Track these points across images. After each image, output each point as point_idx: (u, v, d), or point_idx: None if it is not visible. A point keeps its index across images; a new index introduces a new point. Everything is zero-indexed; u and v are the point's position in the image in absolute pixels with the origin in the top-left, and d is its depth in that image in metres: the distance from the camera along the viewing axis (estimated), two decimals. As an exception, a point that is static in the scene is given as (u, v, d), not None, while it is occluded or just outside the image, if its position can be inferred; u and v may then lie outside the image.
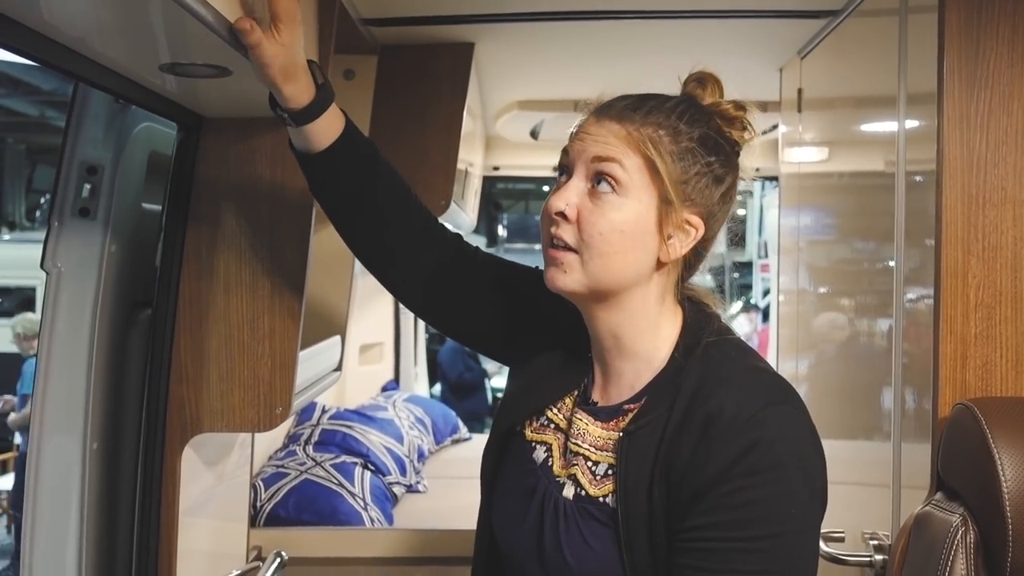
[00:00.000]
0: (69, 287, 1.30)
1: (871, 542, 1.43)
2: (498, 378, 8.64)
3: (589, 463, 1.03)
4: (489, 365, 8.31)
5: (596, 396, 1.07)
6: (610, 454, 1.01)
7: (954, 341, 1.24)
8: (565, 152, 1.03)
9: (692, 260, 1.05)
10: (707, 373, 0.97)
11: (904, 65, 1.40)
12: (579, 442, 1.05)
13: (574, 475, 1.03)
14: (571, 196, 0.99)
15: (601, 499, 1.00)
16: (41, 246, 1.30)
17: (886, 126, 1.50)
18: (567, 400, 1.10)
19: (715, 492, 0.91)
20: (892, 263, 1.43)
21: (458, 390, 7.25)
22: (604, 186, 0.98)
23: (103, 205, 1.32)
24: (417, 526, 2.36)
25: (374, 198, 1.18)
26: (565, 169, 1.03)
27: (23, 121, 12.35)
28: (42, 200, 12.44)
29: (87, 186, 1.31)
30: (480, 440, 4.02)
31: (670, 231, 0.99)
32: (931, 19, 1.27)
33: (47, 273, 1.30)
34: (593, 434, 1.04)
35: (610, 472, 1.00)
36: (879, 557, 1.41)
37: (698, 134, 1.00)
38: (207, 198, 1.36)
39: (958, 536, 1.14)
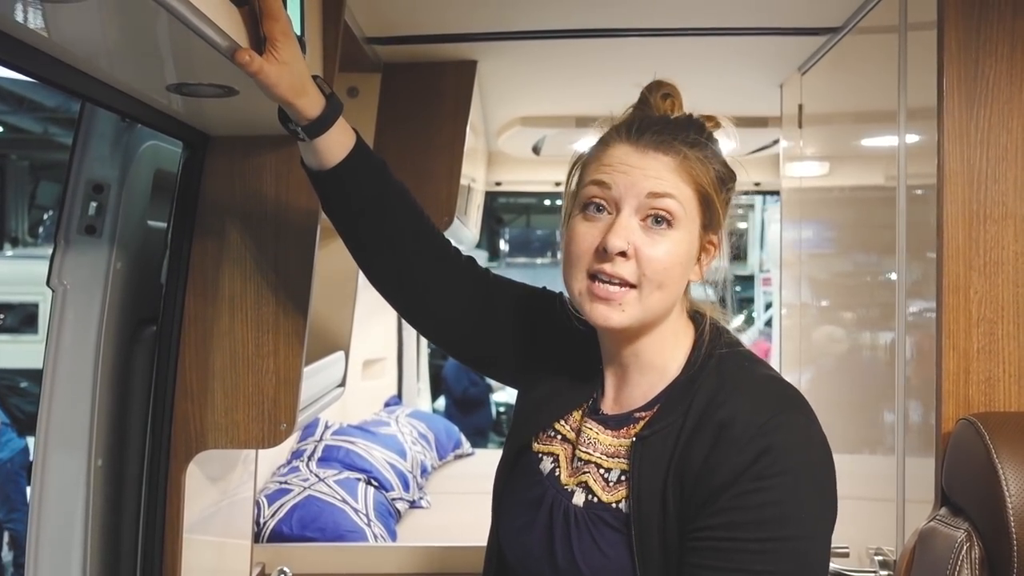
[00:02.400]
0: (75, 304, 1.31)
1: (876, 558, 1.43)
2: (501, 393, 8.63)
3: (601, 470, 1.03)
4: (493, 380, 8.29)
5: (605, 407, 1.08)
6: (622, 460, 1.02)
7: (956, 356, 1.24)
8: (603, 185, 0.99)
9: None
10: (721, 382, 0.99)
11: (904, 81, 1.40)
12: (589, 450, 1.05)
13: (585, 482, 1.04)
14: (630, 235, 0.97)
15: (614, 505, 1.00)
16: (44, 262, 1.31)
17: (886, 141, 1.50)
18: (575, 413, 1.10)
19: (726, 495, 0.92)
20: (894, 276, 1.44)
21: (463, 405, 7.25)
22: (660, 222, 0.98)
23: (109, 223, 1.32)
24: (420, 542, 2.35)
25: (384, 215, 1.18)
26: (601, 204, 0.99)
27: (26, 138, 12.38)
28: (45, 216, 12.44)
29: (93, 204, 1.32)
30: (483, 455, 4.02)
31: (700, 253, 1.02)
32: (930, 36, 1.28)
33: (53, 291, 1.30)
34: (604, 442, 1.05)
35: (623, 478, 1.01)
36: (884, 573, 1.40)
37: (720, 159, 1.02)
38: (212, 216, 1.37)
39: (963, 552, 1.14)
